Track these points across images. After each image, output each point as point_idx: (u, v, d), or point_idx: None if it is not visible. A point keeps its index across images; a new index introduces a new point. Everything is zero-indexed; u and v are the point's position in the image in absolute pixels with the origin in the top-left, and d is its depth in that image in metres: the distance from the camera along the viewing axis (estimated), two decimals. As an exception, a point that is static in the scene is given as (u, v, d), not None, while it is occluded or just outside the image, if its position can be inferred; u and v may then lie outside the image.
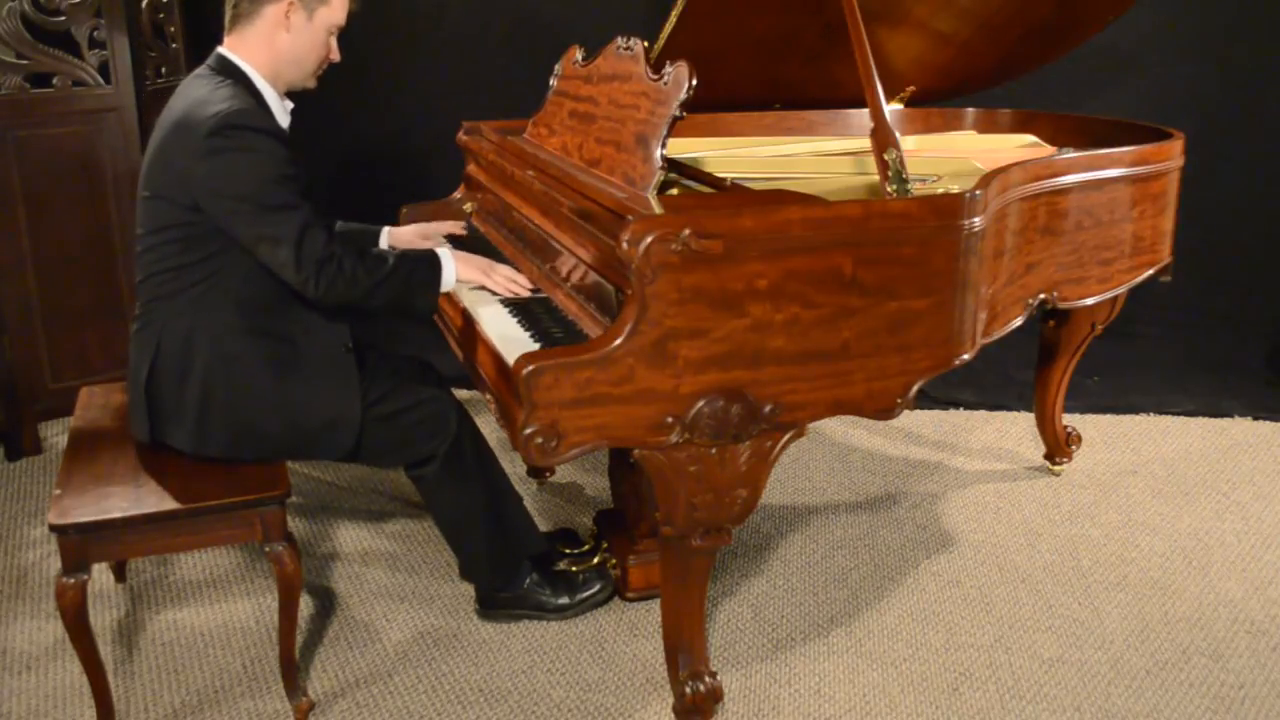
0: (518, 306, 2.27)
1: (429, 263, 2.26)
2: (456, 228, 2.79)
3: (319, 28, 2.23)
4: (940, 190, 2.43)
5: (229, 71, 2.20)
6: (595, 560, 2.58)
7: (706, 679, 2.15)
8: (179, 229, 2.13)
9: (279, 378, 2.20)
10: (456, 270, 2.29)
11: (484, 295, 2.36)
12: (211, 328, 2.17)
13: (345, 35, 2.32)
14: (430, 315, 2.39)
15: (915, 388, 2.06)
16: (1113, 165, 2.60)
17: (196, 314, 2.17)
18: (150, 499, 2.07)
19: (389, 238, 2.68)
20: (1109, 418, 3.69)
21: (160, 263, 2.17)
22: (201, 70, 2.23)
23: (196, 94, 2.13)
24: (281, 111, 2.26)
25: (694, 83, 2.05)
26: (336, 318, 2.26)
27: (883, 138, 2.25)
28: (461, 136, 2.99)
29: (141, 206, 2.20)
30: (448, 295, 2.35)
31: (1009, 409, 3.74)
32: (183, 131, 2.09)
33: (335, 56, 2.30)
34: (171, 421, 2.19)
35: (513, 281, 2.34)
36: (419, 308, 2.28)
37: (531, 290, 2.34)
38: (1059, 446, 3.25)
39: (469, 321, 2.31)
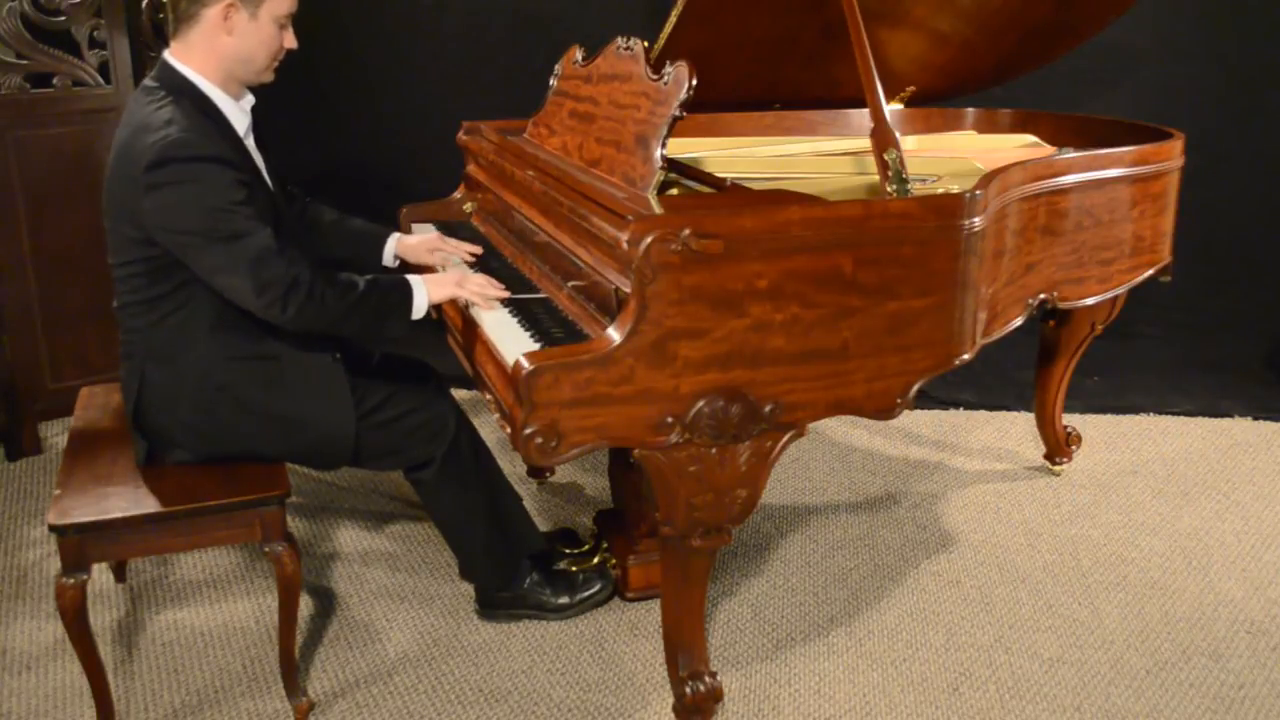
0: (518, 306, 2.27)
1: (399, 288, 2.18)
2: (469, 251, 2.59)
3: (265, 23, 2.11)
4: (940, 190, 2.43)
5: (173, 84, 2.09)
6: (595, 560, 2.58)
7: (706, 679, 2.15)
8: (143, 262, 2.09)
9: (269, 400, 2.18)
10: (428, 293, 2.20)
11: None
12: (194, 361, 2.14)
13: (344, 35, 2.30)
14: (398, 339, 2.32)
15: (915, 388, 2.06)
16: (1113, 165, 2.60)
17: (176, 347, 2.14)
18: (150, 499, 2.07)
19: (395, 245, 2.57)
20: (1109, 418, 3.69)
21: (132, 293, 2.14)
22: (148, 81, 2.13)
23: (138, 116, 2.05)
24: (238, 114, 2.17)
25: (694, 83, 2.05)
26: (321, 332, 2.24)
27: (883, 138, 2.25)
28: (461, 136, 2.99)
29: (107, 235, 2.15)
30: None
31: (1009, 409, 3.74)
32: (125, 163, 2.03)
33: (291, 44, 2.18)
34: (167, 447, 2.18)
35: (487, 287, 2.25)
36: (388, 334, 2.22)
37: (510, 293, 2.26)
38: (1059, 446, 3.25)
39: (469, 322, 2.31)
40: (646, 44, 2.30)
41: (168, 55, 2.13)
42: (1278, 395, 3.80)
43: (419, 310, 2.20)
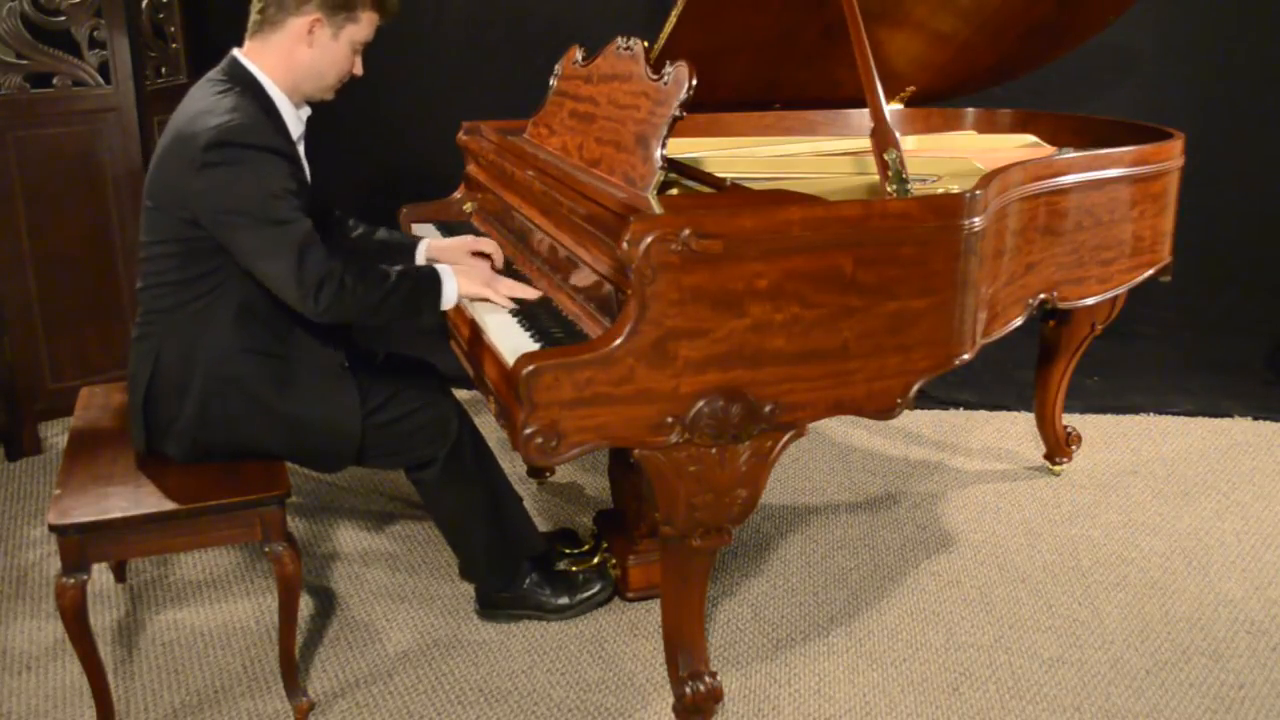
0: (518, 306, 2.27)
1: (430, 279, 2.20)
2: (497, 249, 2.55)
3: (343, 44, 2.18)
4: (940, 190, 2.43)
5: (240, 78, 2.14)
6: (595, 560, 2.58)
7: (706, 679, 2.15)
8: (178, 243, 2.10)
9: (278, 397, 2.18)
10: (458, 285, 2.22)
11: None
12: (210, 347, 2.14)
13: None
14: (434, 329, 2.34)
15: (915, 388, 2.06)
16: (1113, 165, 2.60)
17: (195, 332, 2.14)
18: (150, 499, 2.07)
19: (429, 251, 2.53)
20: (1109, 418, 3.69)
21: (160, 275, 2.15)
22: (213, 74, 2.18)
23: (201, 103, 2.09)
24: (295, 120, 2.21)
25: (694, 82, 2.05)
26: (332, 335, 2.24)
27: (883, 138, 2.25)
28: (461, 136, 2.99)
29: (144, 215, 2.17)
30: None
31: (1009, 409, 3.74)
32: (181, 143, 2.05)
33: (358, 71, 2.26)
34: (169, 435, 2.18)
35: (516, 291, 2.26)
36: (422, 326, 2.25)
37: (538, 295, 2.28)
38: (1059, 446, 3.25)
39: (469, 322, 2.31)
40: (646, 44, 2.30)
41: (238, 53, 2.18)
42: (1278, 395, 3.80)
43: (449, 301, 2.21)
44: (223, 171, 2.01)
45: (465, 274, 2.26)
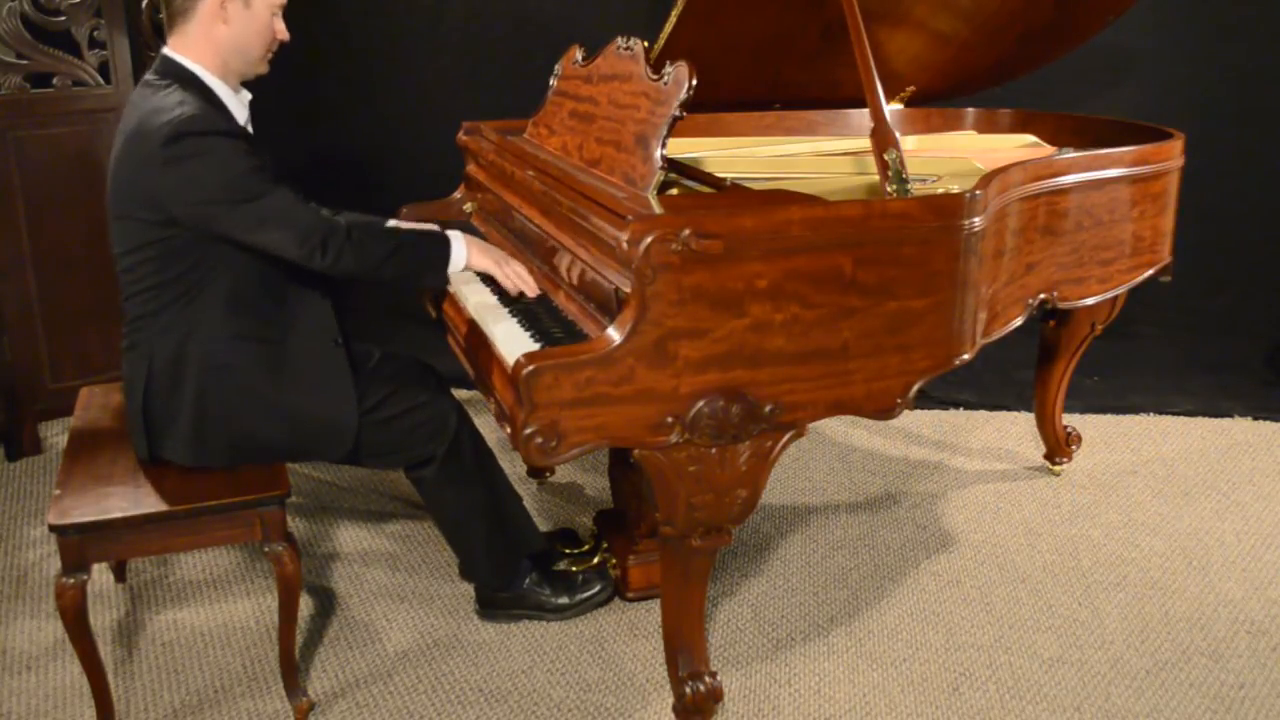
0: (518, 306, 2.27)
1: (439, 240, 2.20)
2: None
3: (259, 12, 2.15)
4: (940, 190, 2.43)
5: (176, 74, 2.13)
6: (595, 560, 2.59)
7: (706, 679, 2.15)
8: (152, 247, 2.10)
9: (272, 382, 2.18)
10: (468, 254, 2.21)
11: (485, 296, 2.35)
12: (199, 341, 2.14)
13: (344, 35, 2.30)
14: (438, 289, 2.41)
15: (915, 388, 2.06)
16: (1113, 165, 2.60)
17: (182, 329, 2.14)
18: (150, 499, 2.07)
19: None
20: (1109, 418, 3.69)
21: (139, 282, 2.14)
22: (149, 76, 2.16)
23: (147, 104, 2.08)
24: (238, 106, 2.20)
25: (694, 82, 2.05)
26: (323, 312, 2.24)
27: (883, 138, 2.25)
28: (461, 136, 2.99)
29: (113, 228, 2.15)
30: (451, 296, 2.34)
31: (1009, 409, 3.74)
32: (137, 145, 2.05)
33: (284, 35, 2.21)
34: (169, 437, 2.18)
35: (521, 279, 2.26)
36: (425, 284, 2.30)
37: (537, 293, 2.28)
38: (1059, 446, 3.25)
39: (469, 321, 2.31)
40: (646, 44, 2.30)
41: (167, 50, 2.17)
42: (1278, 395, 3.80)
43: (457, 265, 2.20)
44: (187, 165, 2.01)
45: (479, 246, 2.24)
